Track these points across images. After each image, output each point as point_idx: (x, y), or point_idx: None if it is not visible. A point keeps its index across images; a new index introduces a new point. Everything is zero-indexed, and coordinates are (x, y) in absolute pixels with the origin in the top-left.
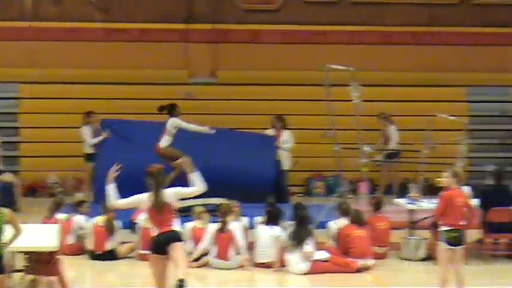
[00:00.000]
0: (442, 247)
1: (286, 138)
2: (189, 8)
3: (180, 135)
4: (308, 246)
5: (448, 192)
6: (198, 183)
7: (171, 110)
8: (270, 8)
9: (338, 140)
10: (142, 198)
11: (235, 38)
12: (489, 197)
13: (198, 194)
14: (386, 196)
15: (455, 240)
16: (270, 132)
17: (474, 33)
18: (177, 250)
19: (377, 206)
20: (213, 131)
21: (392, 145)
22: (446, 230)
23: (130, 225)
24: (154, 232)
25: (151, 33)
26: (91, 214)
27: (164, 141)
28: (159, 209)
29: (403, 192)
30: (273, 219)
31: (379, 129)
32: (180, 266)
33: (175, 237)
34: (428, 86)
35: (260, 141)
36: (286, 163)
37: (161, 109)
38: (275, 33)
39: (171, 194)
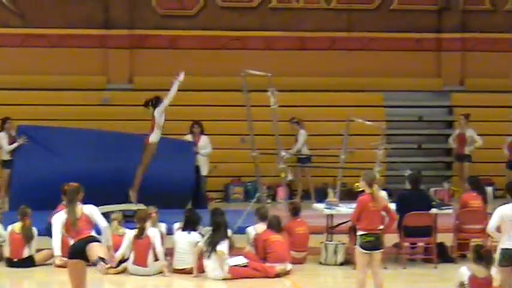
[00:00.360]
0: (358, 251)
1: (204, 143)
2: (107, 14)
3: (98, 144)
4: (220, 246)
5: (363, 197)
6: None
7: (156, 102)
8: (187, 14)
9: (256, 146)
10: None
11: (153, 43)
12: (406, 202)
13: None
14: (305, 201)
15: (371, 245)
16: (188, 138)
17: (391, 39)
18: (94, 246)
19: (295, 211)
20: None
21: (304, 150)
22: (361, 235)
23: (47, 228)
24: (71, 242)
25: (69, 39)
26: (7, 221)
27: (155, 136)
28: (73, 223)
29: (321, 197)
30: (191, 225)
31: (295, 135)
32: (99, 251)
33: (92, 240)
34: (346, 91)
35: (178, 147)
36: (204, 169)
37: (146, 104)
38: (192, 39)
39: (88, 209)
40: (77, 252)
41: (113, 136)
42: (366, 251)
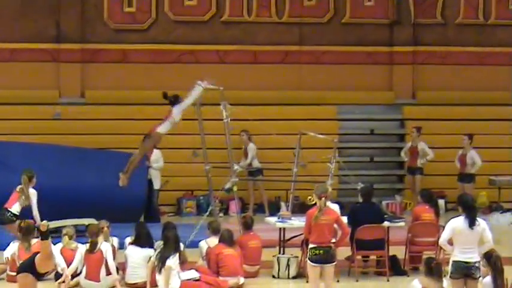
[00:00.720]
0: (309, 264)
1: (156, 157)
2: (58, 28)
3: (52, 159)
4: (170, 261)
5: (311, 210)
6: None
7: (175, 100)
8: (139, 28)
9: (209, 159)
10: None
11: (105, 57)
12: (358, 215)
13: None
14: (258, 214)
15: (320, 258)
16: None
17: (343, 52)
18: (41, 259)
19: (248, 225)
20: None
21: (255, 163)
22: (311, 248)
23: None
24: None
25: (21, 53)
26: None
27: (163, 128)
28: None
29: (274, 210)
30: (143, 239)
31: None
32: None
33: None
34: (299, 104)
35: None
36: (156, 182)
37: (165, 97)
38: (145, 53)
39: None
40: (26, 266)
41: (67, 151)
42: (315, 264)
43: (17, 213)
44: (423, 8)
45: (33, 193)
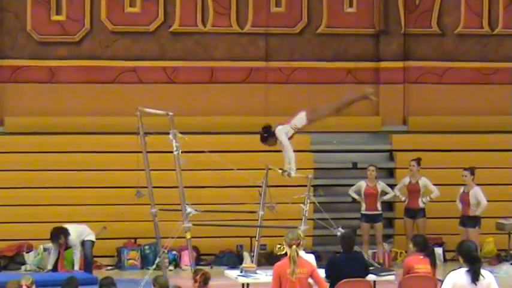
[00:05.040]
0: None
1: None
2: None
3: None
4: None
5: (280, 263)
6: None
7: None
8: (70, 40)
9: (156, 200)
10: None
11: (27, 76)
12: (338, 267)
13: None
14: (216, 267)
15: None
16: None
17: (318, 69)
18: None
19: (203, 280)
20: None
21: None
22: None
23: None
24: None
25: None
26: None
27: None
28: None
29: (235, 262)
30: None
31: (205, 186)
32: None
33: None
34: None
35: None
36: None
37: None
38: (76, 71)
39: None
40: None
41: None
42: None
43: None
44: (416, 15)
45: None
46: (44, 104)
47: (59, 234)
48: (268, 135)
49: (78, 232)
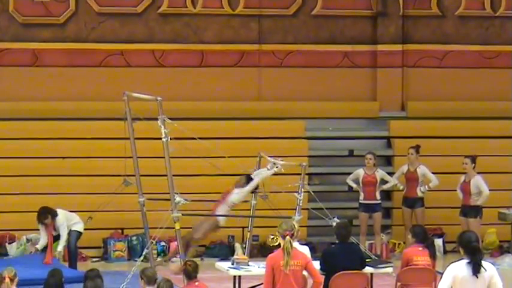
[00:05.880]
0: None
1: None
2: None
3: None
4: None
5: (273, 255)
6: None
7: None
8: (54, 21)
9: (143, 189)
10: None
11: (9, 59)
12: (333, 259)
13: None
14: (206, 259)
15: None
16: None
17: (314, 52)
18: None
19: (192, 272)
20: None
21: None
22: None
23: None
24: None
25: None
26: None
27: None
28: None
29: (227, 253)
30: None
31: (195, 175)
32: None
33: None
34: (257, 118)
35: None
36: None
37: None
38: (61, 54)
39: None
40: None
41: None
42: None
43: None
44: None
45: None
46: (27, 88)
47: (45, 214)
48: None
49: (67, 215)
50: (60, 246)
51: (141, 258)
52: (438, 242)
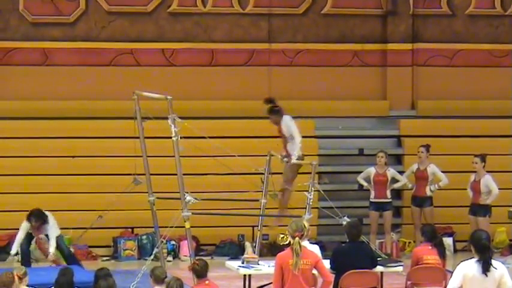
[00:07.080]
0: None
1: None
2: None
3: None
4: None
5: (282, 254)
6: None
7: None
8: (64, 21)
9: (153, 188)
10: None
11: (19, 59)
12: (343, 258)
13: None
14: (216, 258)
15: None
16: None
17: (323, 51)
18: None
19: (202, 272)
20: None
21: None
22: None
23: None
24: None
25: None
26: None
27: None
28: None
29: (237, 252)
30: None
31: (205, 173)
32: None
33: None
34: (268, 118)
35: None
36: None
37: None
38: (71, 53)
39: None
40: None
41: None
42: None
43: None
44: None
45: None
46: (37, 87)
47: (39, 218)
48: (278, 109)
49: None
50: (52, 247)
51: (151, 257)
52: (448, 240)
